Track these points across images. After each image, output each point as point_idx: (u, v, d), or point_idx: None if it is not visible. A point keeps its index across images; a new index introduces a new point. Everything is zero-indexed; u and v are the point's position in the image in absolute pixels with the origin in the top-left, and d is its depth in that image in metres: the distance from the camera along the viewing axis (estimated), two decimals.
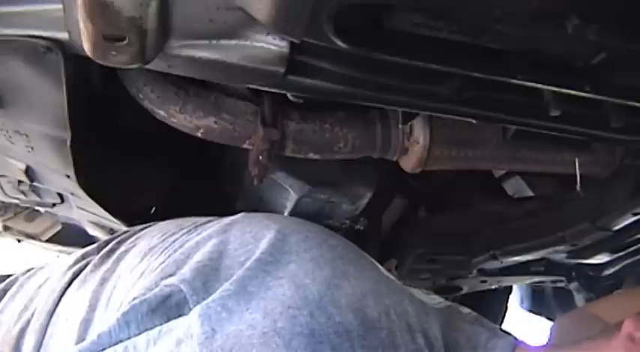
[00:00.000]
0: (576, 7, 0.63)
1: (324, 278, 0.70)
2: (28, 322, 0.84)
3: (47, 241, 1.87)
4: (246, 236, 0.76)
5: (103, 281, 0.83)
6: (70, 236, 1.82)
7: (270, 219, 0.81)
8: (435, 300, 0.87)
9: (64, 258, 1.00)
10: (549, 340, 0.85)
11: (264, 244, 0.73)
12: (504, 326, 2.29)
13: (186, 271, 0.70)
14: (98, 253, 0.91)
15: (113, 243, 0.92)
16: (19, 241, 1.92)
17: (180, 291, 0.68)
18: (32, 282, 0.94)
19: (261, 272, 0.69)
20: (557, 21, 0.64)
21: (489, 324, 0.85)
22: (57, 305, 0.84)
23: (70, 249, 1.92)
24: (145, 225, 0.96)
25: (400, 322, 0.73)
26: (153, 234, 0.88)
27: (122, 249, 0.89)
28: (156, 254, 0.80)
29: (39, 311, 0.85)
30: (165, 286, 0.69)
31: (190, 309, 0.67)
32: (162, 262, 0.75)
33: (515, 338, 0.80)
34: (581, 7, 0.63)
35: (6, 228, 1.76)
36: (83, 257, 0.93)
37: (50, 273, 0.94)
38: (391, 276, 0.83)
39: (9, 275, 1.02)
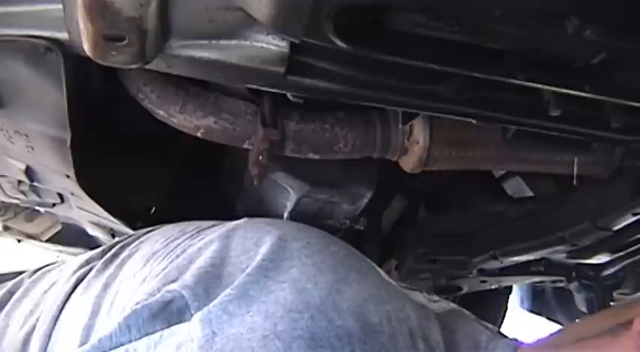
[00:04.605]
0: (576, 7, 0.63)
1: (325, 283, 0.70)
2: (34, 327, 0.85)
3: (47, 241, 1.87)
4: (247, 242, 0.76)
5: (106, 286, 0.83)
6: (70, 236, 1.82)
7: (272, 224, 0.81)
8: (437, 303, 0.87)
9: (70, 260, 1.00)
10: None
11: (264, 250, 0.73)
12: (504, 326, 2.31)
13: (188, 277, 0.70)
14: (102, 258, 0.91)
15: (117, 247, 0.93)
16: (19, 241, 1.93)
17: (182, 297, 0.68)
18: (38, 287, 0.95)
19: (262, 278, 0.69)
20: (557, 21, 0.64)
21: (490, 327, 0.85)
22: (61, 310, 0.84)
23: (70, 249, 1.92)
24: (148, 229, 0.96)
25: (401, 327, 0.73)
26: (156, 239, 0.88)
27: (125, 253, 0.89)
28: (158, 259, 0.80)
29: (44, 316, 0.85)
30: (167, 292, 0.69)
31: (192, 315, 0.67)
32: (165, 267, 0.75)
33: (517, 340, 0.80)
34: (581, 7, 0.63)
35: (6, 228, 1.77)
36: (87, 262, 0.93)
37: (56, 278, 0.94)
38: (392, 282, 0.83)
39: (16, 273, 1.02)
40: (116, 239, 1.04)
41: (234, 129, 0.89)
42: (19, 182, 1.15)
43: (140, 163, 1.14)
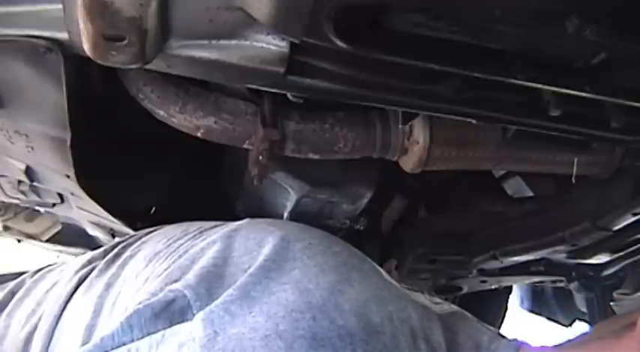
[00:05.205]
0: (576, 7, 0.63)
1: (327, 283, 0.70)
2: (36, 326, 0.85)
3: (47, 241, 1.87)
4: (250, 242, 0.76)
5: (108, 286, 0.83)
6: (70, 236, 1.83)
7: (275, 225, 0.81)
8: (439, 305, 0.87)
9: (72, 260, 1.00)
10: None
11: (267, 250, 0.73)
12: (504, 326, 2.31)
13: (190, 277, 0.70)
14: (104, 257, 0.91)
15: (119, 247, 0.93)
16: (19, 241, 1.93)
17: (184, 297, 0.68)
18: (40, 286, 0.95)
19: (264, 279, 0.70)
20: (557, 21, 0.64)
21: (491, 329, 0.85)
22: (63, 310, 0.84)
23: (70, 249, 1.92)
24: (150, 229, 0.96)
25: (403, 327, 0.73)
26: (158, 239, 0.88)
27: (127, 253, 0.89)
28: (161, 259, 0.80)
29: (46, 315, 0.85)
30: (170, 291, 0.69)
31: (194, 315, 0.67)
32: (167, 268, 0.75)
33: (518, 341, 0.80)
34: (581, 7, 0.63)
35: (6, 228, 1.77)
36: (90, 261, 0.93)
37: (58, 277, 0.94)
38: (394, 282, 0.83)
39: (17, 274, 1.02)
40: (118, 239, 1.04)
41: (234, 129, 0.89)
42: (19, 182, 1.15)
43: (140, 163, 1.14)
